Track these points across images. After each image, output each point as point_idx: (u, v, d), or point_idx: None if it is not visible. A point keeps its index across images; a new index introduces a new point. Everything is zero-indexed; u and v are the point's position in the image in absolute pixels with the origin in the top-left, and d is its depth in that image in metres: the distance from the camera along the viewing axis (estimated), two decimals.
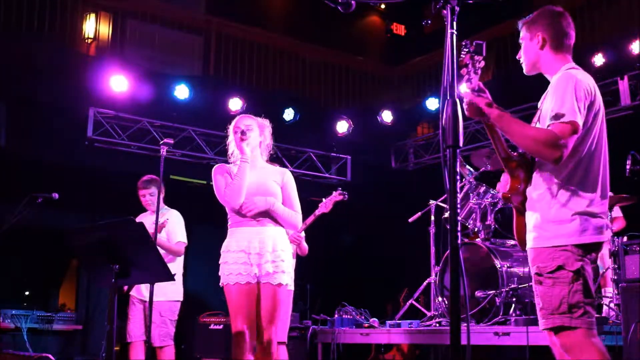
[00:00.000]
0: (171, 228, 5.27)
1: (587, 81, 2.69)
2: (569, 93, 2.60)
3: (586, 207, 2.63)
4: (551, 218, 2.65)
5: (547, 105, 2.69)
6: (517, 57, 2.95)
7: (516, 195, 2.80)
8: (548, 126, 2.60)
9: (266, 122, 3.99)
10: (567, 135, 2.55)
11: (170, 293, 5.16)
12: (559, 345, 2.63)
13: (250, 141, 3.82)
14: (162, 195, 5.40)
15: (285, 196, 3.82)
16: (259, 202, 3.68)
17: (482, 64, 2.66)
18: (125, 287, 5.10)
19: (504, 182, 2.99)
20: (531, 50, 2.86)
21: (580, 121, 2.57)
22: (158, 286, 5.02)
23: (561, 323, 2.58)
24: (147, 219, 5.20)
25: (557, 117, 2.58)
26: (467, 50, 2.64)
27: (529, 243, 2.74)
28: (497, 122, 2.68)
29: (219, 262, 3.74)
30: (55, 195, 5.04)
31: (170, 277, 3.44)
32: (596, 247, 2.67)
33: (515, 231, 2.89)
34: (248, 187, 3.72)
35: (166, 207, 5.44)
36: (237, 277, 3.63)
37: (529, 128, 2.65)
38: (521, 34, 2.90)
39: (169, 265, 5.09)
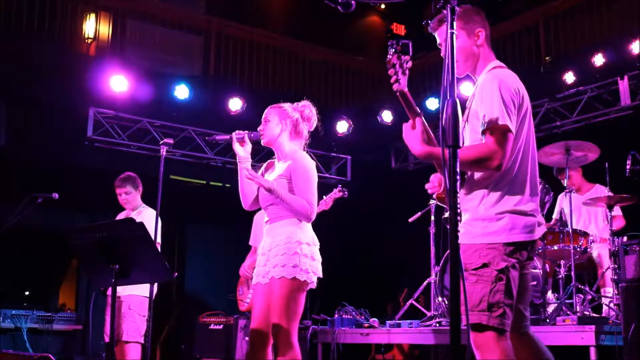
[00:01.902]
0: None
1: (514, 81, 2.71)
2: (496, 96, 2.61)
3: (514, 205, 2.66)
4: (480, 216, 2.68)
5: (476, 106, 2.69)
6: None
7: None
8: (482, 132, 2.61)
9: (292, 106, 3.77)
10: (502, 141, 2.56)
11: (141, 289, 4.97)
12: (472, 341, 2.65)
13: (266, 133, 3.70)
14: (139, 193, 5.36)
15: (293, 185, 3.57)
16: (264, 181, 3.58)
17: (410, 64, 2.62)
18: (102, 287, 5.03)
19: (435, 182, 2.96)
20: (470, 48, 2.82)
21: (511, 124, 2.58)
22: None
23: (479, 320, 2.59)
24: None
25: (488, 123, 2.58)
26: (394, 50, 2.60)
27: (460, 239, 2.75)
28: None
29: None
30: (55, 195, 5.02)
31: (170, 275, 3.44)
32: (525, 246, 2.68)
33: None
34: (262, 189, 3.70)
35: (144, 205, 5.35)
36: (254, 278, 3.69)
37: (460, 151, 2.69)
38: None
39: None
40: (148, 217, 5.16)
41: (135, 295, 5.03)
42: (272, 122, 3.71)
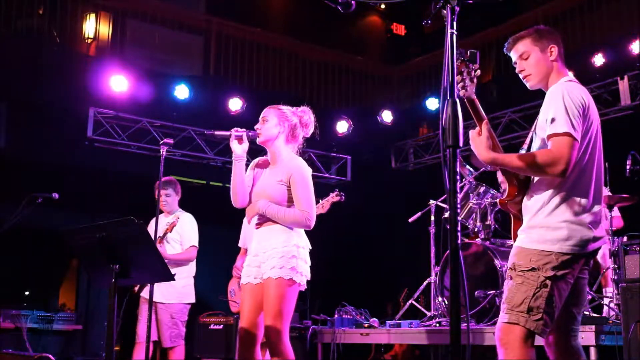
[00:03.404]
0: (184, 232, 5.34)
1: (581, 93, 2.76)
2: (561, 105, 2.67)
3: (574, 216, 2.69)
4: (539, 223, 2.72)
5: (543, 117, 2.76)
6: (517, 71, 2.94)
7: (512, 202, 2.88)
8: (547, 139, 2.67)
9: (291, 109, 3.79)
10: (564, 148, 2.61)
11: (183, 296, 5.34)
12: (497, 339, 2.68)
13: (264, 133, 3.71)
14: (178, 198, 5.49)
15: (293, 194, 3.64)
16: (251, 209, 3.72)
17: (478, 72, 2.69)
18: (136, 288, 5.18)
19: (504, 187, 3.03)
20: (544, 63, 2.89)
21: (575, 132, 2.63)
22: (172, 288, 5.19)
23: (516, 321, 2.63)
24: (161, 221, 5.25)
25: (553, 131, 2.65)
26: (462, 58, 2.65)
27: (516, 242, 2.80)
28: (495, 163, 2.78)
29: None
30: (55, 195, 5.04)
31: (170, 277, 3.43)
32: (578, 258, 2.69)
33: (513, 235, 2.93)
34: (256, 189, 3.71)
35: (180, 209, 5.54)
36: (243, 278, 3.72)
37: (520, 159, 2.70)
38: (523, 48, 2.91)
39: (183, 269, 5.25)
40: (189, 222, 5.45)
41: (177, 304, 5.34)
42: (271, 123, 3.72)
